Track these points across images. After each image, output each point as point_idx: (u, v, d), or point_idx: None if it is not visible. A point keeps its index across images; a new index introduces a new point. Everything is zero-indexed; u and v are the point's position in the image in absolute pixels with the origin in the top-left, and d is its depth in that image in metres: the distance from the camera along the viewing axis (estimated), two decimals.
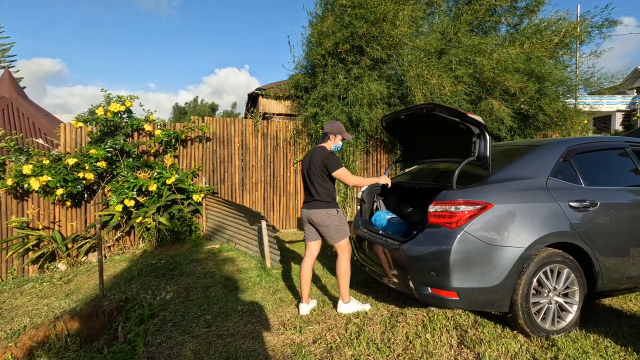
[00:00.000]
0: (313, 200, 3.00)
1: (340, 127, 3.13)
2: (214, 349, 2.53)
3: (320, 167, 2.93)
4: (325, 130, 3.12)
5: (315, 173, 2.96)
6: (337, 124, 3.13)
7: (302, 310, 3.07)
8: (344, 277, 3.01)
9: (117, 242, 5.48)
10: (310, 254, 3.16)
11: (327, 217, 2.95)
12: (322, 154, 2.96)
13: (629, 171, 3.04)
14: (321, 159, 2.93)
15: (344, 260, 3.00)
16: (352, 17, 6.28)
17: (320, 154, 2.97)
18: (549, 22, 7.67)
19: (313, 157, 2.99)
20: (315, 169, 2.96)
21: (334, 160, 2.92)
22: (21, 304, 3.69)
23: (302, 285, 3.10)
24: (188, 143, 6.22)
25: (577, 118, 7.86)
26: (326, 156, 2.93)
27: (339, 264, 3.01)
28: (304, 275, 3.09)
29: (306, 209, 3.06)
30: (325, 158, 2.92)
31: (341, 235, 2.99)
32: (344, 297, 3.05)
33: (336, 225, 2.97)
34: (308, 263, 3.13)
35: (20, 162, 4.88)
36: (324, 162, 2.91)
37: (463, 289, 2.39)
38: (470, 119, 2.62)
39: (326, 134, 3.11)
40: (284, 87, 8.24)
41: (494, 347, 2.40)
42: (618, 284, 2.76)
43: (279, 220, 6.91)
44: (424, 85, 6.30)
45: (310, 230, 3.11)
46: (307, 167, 3.04)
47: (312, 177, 2.98)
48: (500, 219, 2.43)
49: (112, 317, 3.18)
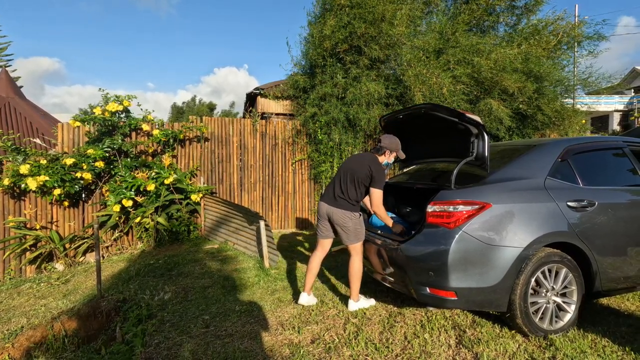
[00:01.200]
0: (339, 198, 2.98)
1: (398, 144, 3.11)
2: (212, 349, 2.52)
3: (367, 174, 2.92)
4: (383, 144, 3.08)
5: (356, 176, 2.94)
6: (396, 140, 3.10)
7: (301, 299, 3.12)
8: (357, 277, 3.02)
9: (115, 243, 5.46)
10: (322, 250, 3.19)
11: (350, 218, 2.95)
12: (374, 164, 2.94)
13: (626, 171, 3.05)
14: (371, 167, 2.91)
15: (357, 261, 3.01)
16: (351, 17, 6.28)
17: (372, 162, 2.95)
18: (546, 22, 7.69)
19: (363, 161, 2.97)
20: (359, 173, 2.94)
21: (382, 177, 2.92)
22: (18, 304, 3.67)
23: (307, 276, 3.14)
24: (186, 143, 6.21)
25: (575, 118, 7.87)
26: (378, 169, 2.92)
27: (352, 265, 3.02)
28: (311, 267, 3.13)
29: (328, 204, 3.03)
30: (376, 170, 2.91)
31: (358, 237, 3.00)
32: (355, 297, 3.07)
33: (356, 228, 2.98)
34: (319, 256, 3.17)
35: (18, 162, 4.86)
36: (372, 173, 2.90)
37: (461, 289, 2.39)
38: (468, 119, 2.62)
39: (383, 147, 3.08)
40: (283, 87, 8.23)
41: (492, 347, 2.41)
42: (616, 284, 2.77)
43: (277, 221, 6.91)
44: (422, 85, 6.30)
45: (327, 227, 3.11)
46: (349, 167, 3.02)
47: (350, 179, 2.97)
48: (498, 219, 2.44)
49: (110, 318, 3.17)
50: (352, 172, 2.98)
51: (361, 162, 2.99)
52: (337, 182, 3.05)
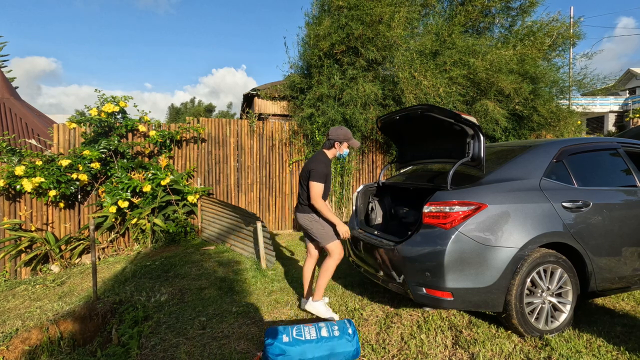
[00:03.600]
0: (300, 204, 3.01)
1: (346, 133, 2.97)
2: (208, 351, 2.52)
3: (307, 171, 2.87)
4: (330, 137, 2.96)
5: (303, 178, 2.93)
6: (343, 130, 2.97)
7: (302, 305, 3.12)
8: (325, 274, 2.94)
9: (111, 244, 5.44)
10: (311, 255, 3.18)
11: (309, 221, 2.94)
12: (315, 160, 2.89)
13: (621, 172, 3.07)
14: (310, 165, 2.86)
15: (331, 261, 2.95)
16: (348, 19, 6.29)
17: (314, 159, 2.90)
18: (541, 23, 7.74)
19: (309, 161, 2.95)
20: (304, 173, 2.92)
21: (319, 169, 2.80)
22: (13, 306, 3.65)
23: (304, 284, 3.16)
24: (183, 144, 6.19)
25: (570, 119, 7.93)
26: (318, 163, 2.85)
27: (325, 262, 2.97)
28: (306, 275, 3.16)
29: (296, 211, 3.07)
30: (316, 164, 2.84)
31: (326, 239, 2.92)
32: (317, 296, 2.98)
33: (319, 230, 2.92)
34: (309, 264, 3.18)
35: (13, 163, 4.83)
36: (311, 167, 2.84)
37: (457, 289, 2.40)
38: (464, 120, 2.63)
39: (331, 139, 2.96)
40: (280, 87, 8.22)
41: (488, 347, 2.42)
42: (611, 284, 2.78)
43: (274, 222, 6.90)
44: (418, 86, 6.32)
45: (305, 233, 3.13)
46: (301, 173, 3.02)
47: (302, 181, 2.96)
48: (494, 220, 2.45)
49: (105, 320, 3.15)
50: (301, 175, 2.97)
51: (307, 162, 2.95)
52: (299, 189, 3.05)
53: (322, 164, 2.85)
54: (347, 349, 2.25)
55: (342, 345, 2.25)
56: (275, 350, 2.17)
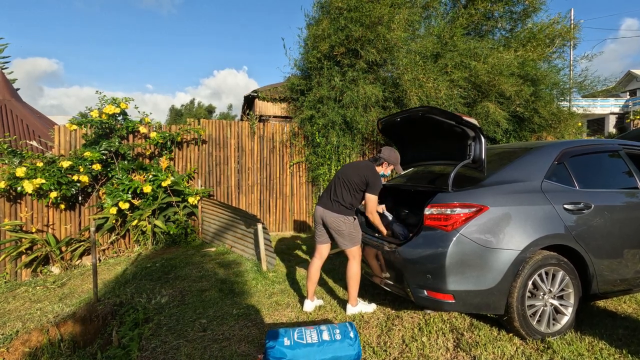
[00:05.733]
0: (334, 202, 2.98)
1: (398, 159, 3.14)
2: (209, 353, 2.51)
3: (362, 180, 2.94)
4: (382, 156, 3.10)
5: (352, 182, 2.96)
6: (395, 154, 3.13)
7: (305, 307, 3.12)
8: (354, 280, 2.99)
9: (111, 246, 5.44)
10: (320, 256, 3.17)
11: (343, 222, 2.94)
12: (369, 170, 2.97)
13: (622, 173, 3.07)
14: (367, 173, 2.94)
15: (355, 264, 2.98)
16: (348, 21, 6.30)
17: (368, 169, 2.98)
18: (542, 26, 7.76)
19: (359, 168, 3.00)
20: (354, 178, 2.96)
21: (378, 184, 2.93)
22: (14, 308, 3.64)
23: (308, 284, 3.14)
24: (184, 145, 6.19)
25: (571, 120, 7.95)
26: (374, 175, 2.94)
27: (349, 268, 3.00)
28: (311, 275, 3.13)
29: (323, 208, 3.03)
30: (372, 176, 2.93)
31: (353, 242, 2.98)
32: (352, 301, 3.04)
33: (350, 232, 2.96)
34: (317, 264, 3.15)
35: (14, 164, 4.83)
36: (368, 178, 2.92)
37: (459, 291, 2.40)
38: (465, 122, 2.63)
39: (381, 158, 3.10)
40: (280, 89, 8.24)
41: (490, 350, 2.41)
42: (612, 286, 2.77)
43: (275, 223, 6.89)
44: (419, 88, 6.33)
45: (322, 232, 3.10)
46: (345, 172, 3.03)
47: (346, 183, 2.98)
48: (495, 222, 2.44)
49: (106, 322, 3.15)
50: (348, 177, 2.99)
51: (357, 168, 3.01)
52: (332, 187, 3.06)
53: (379, 179, 2.97)
54: (348, 352, 2.24)
55: (344, 349, 2.24)
56: (276, 353, 2.16)
